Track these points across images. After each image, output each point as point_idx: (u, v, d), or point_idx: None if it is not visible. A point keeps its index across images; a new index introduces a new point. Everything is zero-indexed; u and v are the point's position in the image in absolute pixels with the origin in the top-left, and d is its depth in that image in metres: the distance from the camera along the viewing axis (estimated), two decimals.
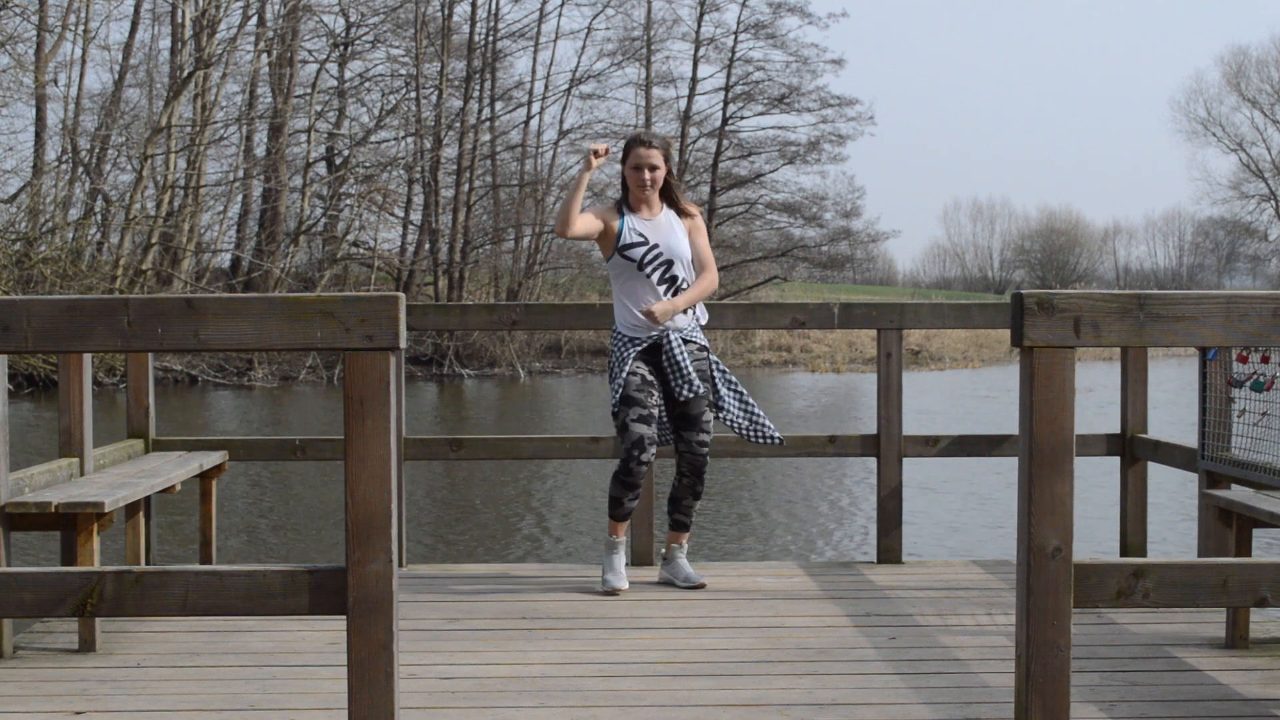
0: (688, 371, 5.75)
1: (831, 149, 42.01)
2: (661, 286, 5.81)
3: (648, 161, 5.84)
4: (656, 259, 5.81)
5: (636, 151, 5.86)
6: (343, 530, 3.61)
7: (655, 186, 5.86)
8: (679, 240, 5.85)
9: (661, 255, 5.82)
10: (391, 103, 36.28)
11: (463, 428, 20.71)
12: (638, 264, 5.80)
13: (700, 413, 5.82)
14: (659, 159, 5.86)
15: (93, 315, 3.01)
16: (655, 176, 5.85)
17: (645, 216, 5.88)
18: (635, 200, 5.89)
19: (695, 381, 5.75)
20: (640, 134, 5.97)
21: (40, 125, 29.84)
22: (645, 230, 5.84)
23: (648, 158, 5.84)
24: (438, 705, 4.16)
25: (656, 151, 5.86)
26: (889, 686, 4.37)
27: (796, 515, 12.43)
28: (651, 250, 5.82)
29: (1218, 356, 5.49)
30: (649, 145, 5.88)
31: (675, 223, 5.90)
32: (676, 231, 5.87)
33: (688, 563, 6.01)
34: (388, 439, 3.01)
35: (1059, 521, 3.03)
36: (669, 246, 5.83)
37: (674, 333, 5.81)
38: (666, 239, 5.84)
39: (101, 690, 4.34)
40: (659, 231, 5.85)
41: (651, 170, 5.84)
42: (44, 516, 4.84)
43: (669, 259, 5.82)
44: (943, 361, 39.40)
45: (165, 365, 28.23)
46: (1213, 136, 63.04)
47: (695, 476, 5.89)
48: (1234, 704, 4.19)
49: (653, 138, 5.94)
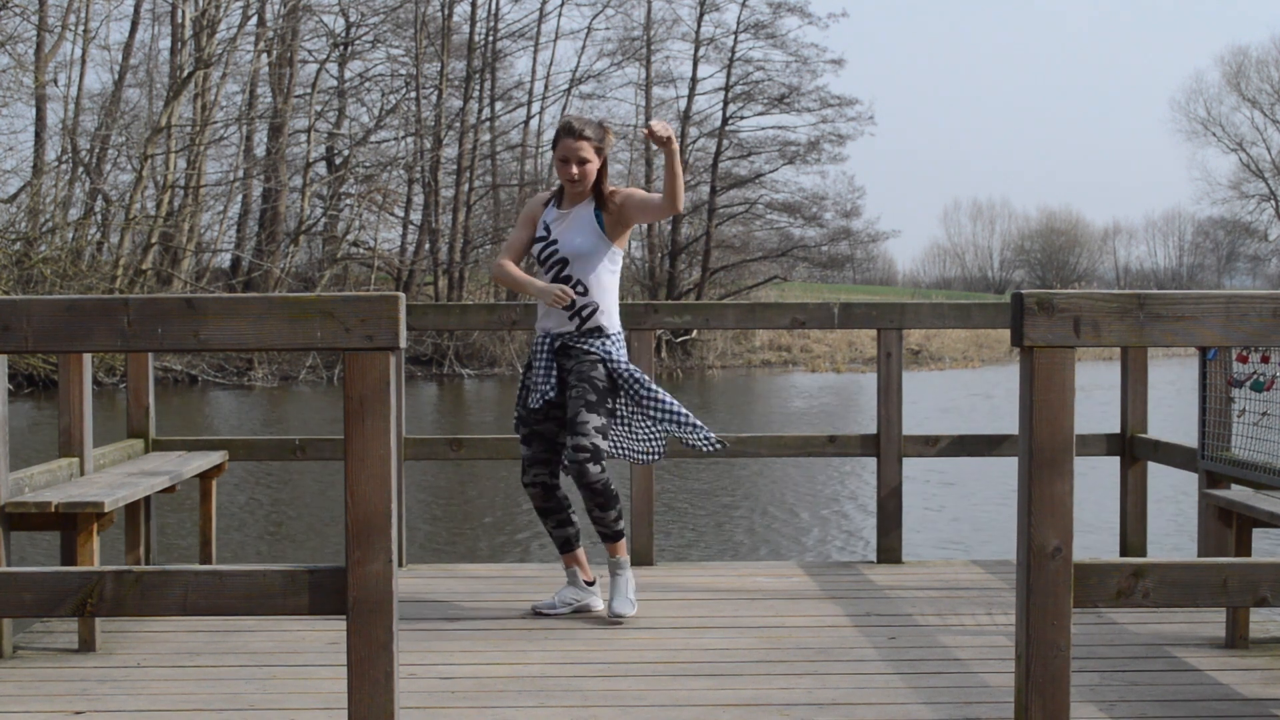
0: (538, 376, 5.26)
1: (831, 149, 42.11)
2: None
3: (575, 154, 5.21)
4: (551, 256, 5.28)
5: (564, 143, 5.22)
6: (343, 530, 3.61)
7: (585, 181, 5.24)
8: (580, 237, 5.24)
9: (558, 253, 5.27)
10: (391, 103, 36.32)
11: (463, 428, 20.72)
12: (539, 260, 5.34)
13: (574, 414, 5.17)
14: (589, 151, 5.21)
15: (93, 315, 3.01)
16: (584, 171, 5.23)
17: (564, 209, 5.33)
18: (566, 191, 5.34)
19: (544, 389, 5.22)
20: (571, 121, 5.27)
21: (40, 125, 29.87)
22: (553, 224, 5.32)
23: (575, 150, 5.21)
24: (438, 705, 4.16)
25: (586, 144, 5.21)
26: (889, 686, 4.37)
27: (796, 515, 12.42)
28: (549, 246, 5.30)
29: (1218, 356, 5.49)
30: (578, 136, 5.21)
31: (584, 219, 5.28)
32: (580, 228, 5.26)
33: (624, 584, 5.32)
34: (388, 439, 3.00)
35: (1059, 521, 3.03)
36: (566, 243, 5.25)
37: (546, 336, 5.30)
38: (567, 235, 5.27)
39: (101, 690, 4.34)
40: (563, 225, 5.29)
41: (580, 164, 5.22)
42: (44, 516, 4.84)
43: (564, 257, 5.25)
44: (943, 361, 39.42)
45: (165, 365, 28.24)
46: (1213, 136, 63.14)
47: (582, 488, 5.19)
48: (1234, 704, 4.19)
49: (585, 126, 5.25)
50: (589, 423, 5.16)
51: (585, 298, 5.27)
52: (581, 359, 5.26)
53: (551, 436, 5.35)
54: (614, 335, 5.33)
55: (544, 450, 5.36)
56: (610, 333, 5.31)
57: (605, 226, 5.28)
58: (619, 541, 5.35)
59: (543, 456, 5.35)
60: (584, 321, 5.27)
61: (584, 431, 5.15)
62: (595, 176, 5.27)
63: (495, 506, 12.93)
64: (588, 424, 5.16)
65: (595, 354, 5.25)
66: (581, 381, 5.21)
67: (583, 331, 5.28)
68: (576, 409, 5.19)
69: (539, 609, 5.38)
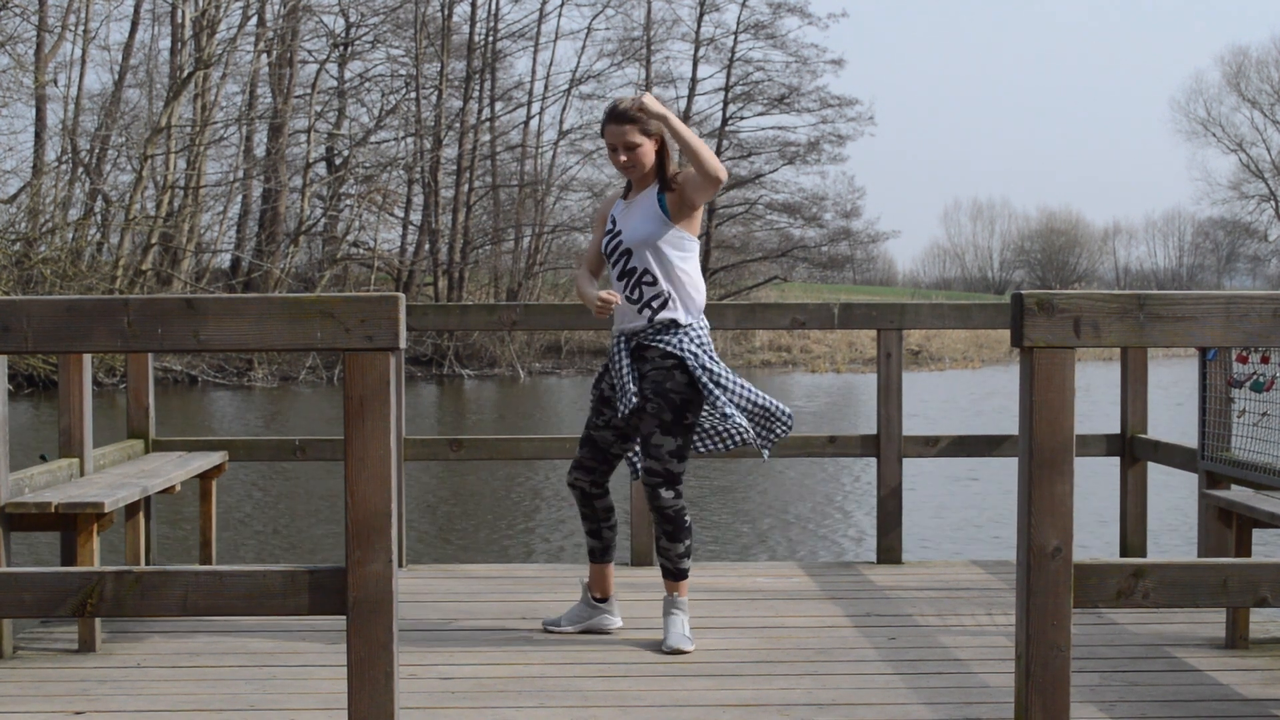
0: (624, 381, 4.84)
1: (831, 149, 42.13)
2: (622, 281, 4.91)
3: (621, 140, 4.84)
4: (617, 248, 4.92)
5: (609, 130, 4.86)
6: (343, 530, 3.61)
7: (640, 167, 4.86)
8: (643, 224, 4.86)
9: (622, 244, 4.90)
10: (391, 103, 36.32)
11: (463, 428, 20.71)
12: (605, 254, 5.00)
13: (648, 434, 4.83)
14: (635, 134, 4.82)
15: (93, 315, 3.01)
16: (635, 157, 4.85)
17: (632, 196, 4.97)
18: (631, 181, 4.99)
19: (630, 393, 4.82)
20: (615, 105, 4.89)
21: (40, 125, 29.87)
22: (620, 215, 4.97)
23: (621, 135, 4.84)
24: (438, 705, 4.16)
25: (632, 127, 4.82)
26: (889, 686, 4.37)
27: (796, 515, 12.42)
28: (614, 238, 4.94)
29: (1218, 356, 5.49)
30: (620, 120, 4.84)
31: (648, 205, 4.90)
32: (643, 215, 4.88)
33: (679, 622, 4.89)
34: (388, 439, 3.01)
35: (1059, 521, 3.03)
36: (630, 233, 4.88)
37: (621, 338, 4.92)
38: (630, 223, 4.90)
39: (101, 690, 4.34)
40: (628, 215, 4.94)
41: (628, 150, 4.85)
42: (44, 516, 4.84)
43: (628, 248, 4.88)
44: (943, 361, 39.41)
45: (165, 365, 28.24)
46: (1213, 137, 63.09)
47: (654, 512, 4.87)
48: (1234, 704, 4.19)
49: (629, 108, 4.84)
50: (663, 446, 4.83)
51: (654, 287, 4.86)
52: (657, 363, 4.85)
53: (606, 445, 5.02)
54: (690, 327, 4.89)
55: (591, 457, 5.03)
56: (684, 324, 4.87)
57: (669, 209, 4.86)
58: (681, 581, 4.95)
59: (589, 463, 5.03)
60: (655, 314, 4.86)
61: (658, 455, 4.83)
62: (655, 158, 4.88)
63: (495, 506, 12.93)
64: (662, 447, 4.83)
65: (672, 354, 4.84)
66: (658, 396, 4.82)
67: (655, 326, 4.86)
68: (651, 429, 4.83)
69: (548, 625, 5.15)
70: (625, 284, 4.89)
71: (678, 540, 4.91)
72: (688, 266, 4.91)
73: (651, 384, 4.84)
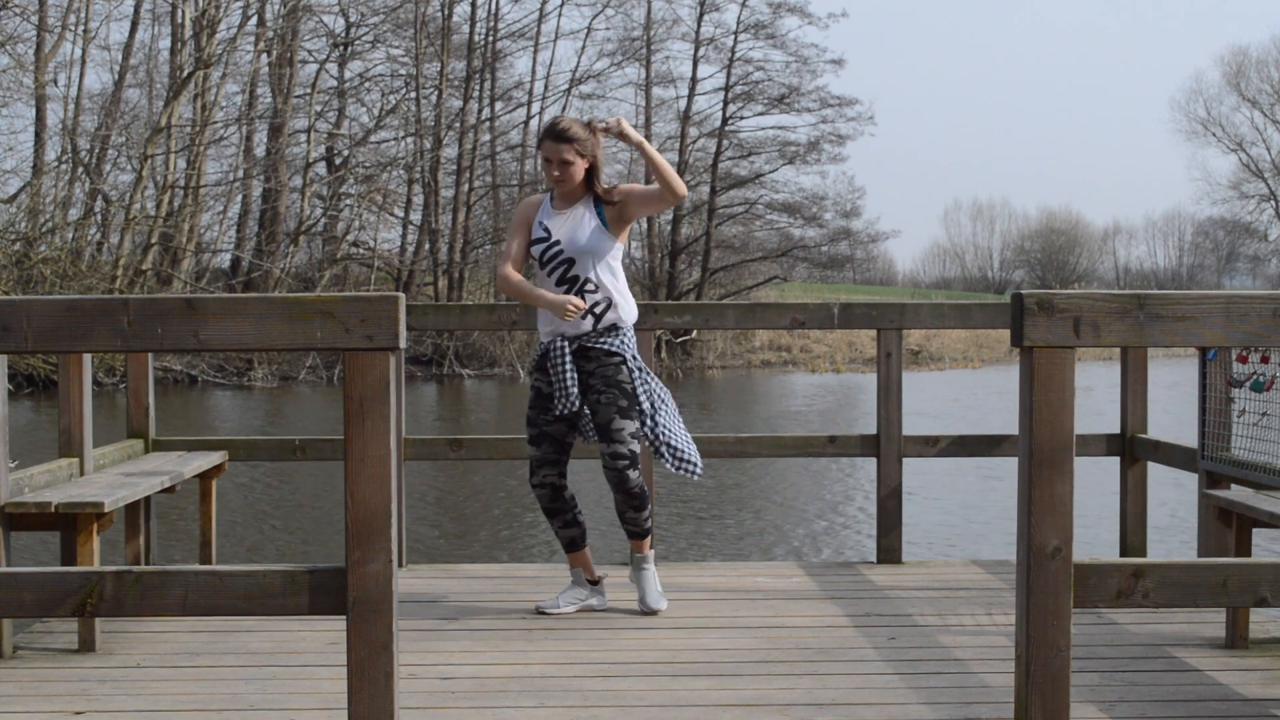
0: (565, 384, 5.18)
1: (831, 149, 42.07)
2: (562, 287, 5.21)
3: (557, 156, 5.17)
4: (556, 256, 5.21)
5: (546, 145, 5.20)
6: (342, 530, 3.61)
7: (568, 182, 5.20)
8: (584, 235, 5.19)
9: (562, 252, 5.20)
10: (391, 103, 36.30)
11: (463, 428, 20.71)
12: (539, 261, 5.27)
13: (607, 421, 5.18)
14: (570, 153, 5.16)
15: (93, 315, 3.01)
16: (566, 174, 5.18)
17: (559, 208, 5.28)
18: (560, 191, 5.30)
19: (572, 395, 5.17)
20: (555, 123, 5.23)
21: (40, 125, 29.86)
22: (551, 224, 5.25)
23: (557, 153, 5.17)
24: (438, 705, 4.16)
25: (567, 146, 5.16)
26: (889, 686, 4.37)
27: (796, 515, 12.43)
28: (552, 247, 5.22)
29: (1218, 356, 5.49)
30: (559, 139, 5.18)
31: (586, 217, 5.24)
32: (584, 226, 5.21)
33: (651, 579, 5.40)
34: (388, 439, 3.01)
35: (1059, 521, 3.03)
36: (571, 242, 5.20)
37: (561, 340, 5.22)
38: (571, 234, 5.22)
39: (101, 690, 4.34)
40: (564, 225, 5.24)
41: (562, 167, 5.18)
42: (44, 516, 4.84)
43: (569, 256, 5.19)
44: (943, 361, 39.42)
45: (165, 365, 28.24)
46: (1213, 136, 63.07)
47: (620, 492, 5.23)
48: (1234, 704, 4.19)
49: (570, 127, 5.19)
50: (624, 429, 5.19)
51: (597, 294, 5.22)
52: (604, 361, 5.23)
53: (560, 437, 5.32)
54: (627, 331, 5.29)
55: (553, 451, 5.33)
56: (623, 328, 5.28)
57: (608, 222, 5.24)
58: (646, 539, 5.39)
59: (552, 457, 5.33)
60: (599, 319, 5.23)
61: (620, 439, 5.18)
62: (584, 176, 5.24)
63: (495, 506, 12.93)
64: (623, 430, 5.19)
65: (616, 353, 5.24)
66: (610, 387, 5.21)
67: (600, 330, 5.24)
68: (609, 415, 5.19)
69: (543, 608, 5.38)
70: (564, 290, 5.22)
71: (643, 509, 5.32)
72: (620, 276, 5.33)
73: (601, 379, 5.22)
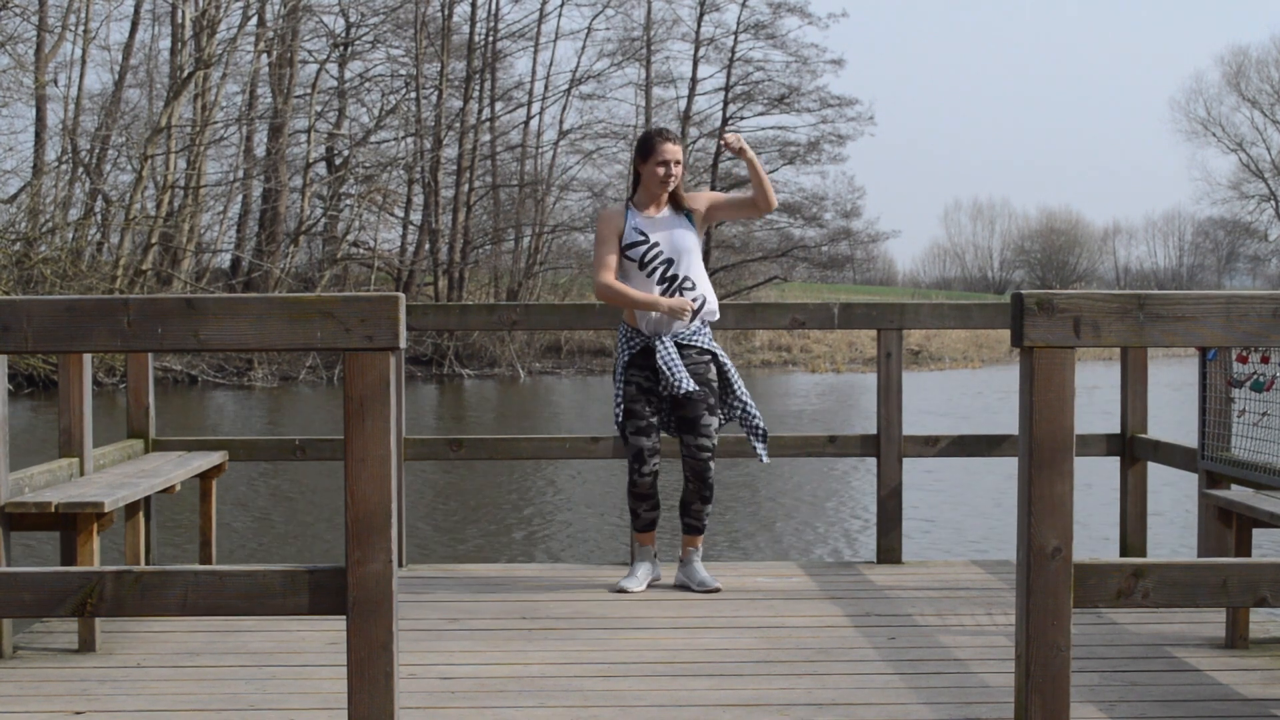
0: (674, 373, 5.60)
1: (831, 149, 42.12)
2: (660, 286, 5.69)
3: (674, 157, 5.72)
4: (657, 257, 5.69)
5: (663, 147, 5.71)
6: (342, 530, 3.62)
7: (676, 184, 5.75)
8: (681, 237, 5.71)
9: (662, 253, 5.69)
10: (391, 103, 36.30)
11: (463, 428, 20.71)
12: (638, 263, 5.71)
13: (697, 416, 5.67)
14: (681, 155, 5.77)
15: (93, 315, 3.01)
16: (678, 173, 5.74)
17: (649, 215, 5.76)
18: (646, 198, 5.77)
19: (683, 381, 5.59)
20: (663, 129, 5.84)
21: (40, 125, 29.86)
22: (646, 228, 5.72)
23: (674, 154, 5.73)
24: (438, 705, 4.16)
25: (679, 148, 5.77)
26: (889, 686, 4.37)
27: (796, 515, 12.42)
28: (652, 249, 5.70)
29: (1218, 356, 5.49)
30: (674, 141, 5.77)
31: (678, 220, 5.76)
32: (678, 228, 5.73)
33: (703, 567, 5.92)
34: (388, 439, 3.01)
35: (1059, 521, 3.03)
36: (670, 244, 5.71)
37: (666, 337, 5.68)
38: (668, 236, 5.72)
39: (101, 690, 4.34)
40: (659, 228, 5.73)
41: (676, 165, 5.72)
42: (44, 516, 4.84)
43: (669, 257, 5.69)
44: (943, 361, 39.42)
45: (165, 365, 28.23)
46: (1213, 136, 63.07)
47: (699, 481, 5.74)
48: (1234, 704, 4.19)
49: (674, 134, 5.84)
50: (711, 425, 5.71)
51: (694, 290, 5.73)
52: (696, 360, 5.72)
53: (661, 428, 5.78)
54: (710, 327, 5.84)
55: (659, 441, 5.76)
56: (710, 324, 5.83)
57: (695, 225, 5.79)
58: (700, 535, 5.89)
59: (659, 447, 5.76)
60: (696, 315, 5.72)
61: (707, 434, 5.70)
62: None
63: (495, 506, 12.93)
64: (710, 426, 5.71)
65: (709, 351, 5.75)
66: (702, 385, 5.68)
67: (698, 328, 5.75)
68: (699, 411, 5.68)
69: (624, 586, 5.75)
70: (664, 289, 5.69)
71: (709, 502, 5.83)
72: (705, 274, 5.86)
73: (694, 376, 5.68)
